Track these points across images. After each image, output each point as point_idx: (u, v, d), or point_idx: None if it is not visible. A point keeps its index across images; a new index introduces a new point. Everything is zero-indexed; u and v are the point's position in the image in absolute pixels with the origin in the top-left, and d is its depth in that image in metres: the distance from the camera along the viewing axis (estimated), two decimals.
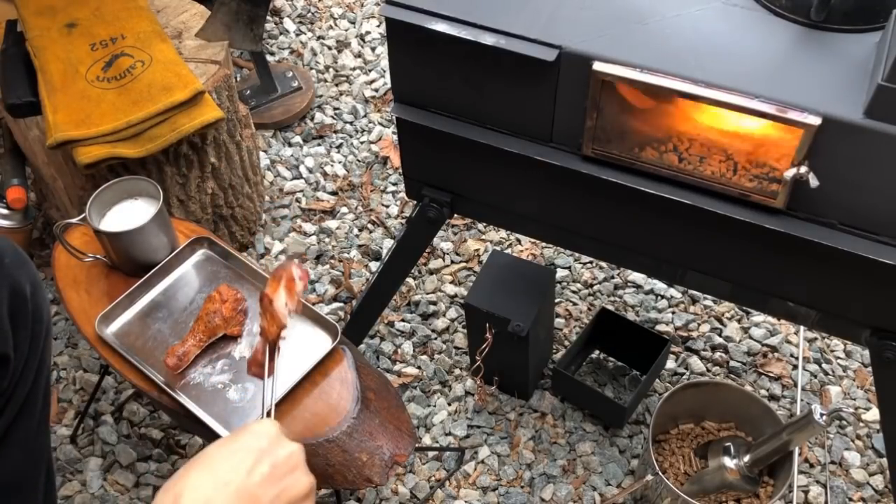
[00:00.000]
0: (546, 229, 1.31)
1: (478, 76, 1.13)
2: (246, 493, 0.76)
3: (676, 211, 1.11)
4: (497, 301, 1.43)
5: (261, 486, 0.77)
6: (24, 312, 1.00)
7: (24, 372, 1.02)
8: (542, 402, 1.60)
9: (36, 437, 1.06)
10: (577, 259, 1.81)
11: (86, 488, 1.50)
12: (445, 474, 1.53)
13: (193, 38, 1.61)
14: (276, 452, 0.81)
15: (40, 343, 1.04)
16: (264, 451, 0.80)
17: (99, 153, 1.43)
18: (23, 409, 1.02)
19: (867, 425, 1.56)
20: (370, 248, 1.86)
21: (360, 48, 2.29)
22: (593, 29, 1.06)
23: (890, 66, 0.89)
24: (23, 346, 1.00)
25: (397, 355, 1.68)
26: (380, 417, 1.17)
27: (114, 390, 1.64)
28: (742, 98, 0.97)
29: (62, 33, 1.57)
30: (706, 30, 1.05)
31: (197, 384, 1.18)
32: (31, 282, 1.01)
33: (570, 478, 1.51)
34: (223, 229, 1.77)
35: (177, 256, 1.31)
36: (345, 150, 2.05)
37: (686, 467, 1.45)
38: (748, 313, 1.72)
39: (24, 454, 1.04)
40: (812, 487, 1.49)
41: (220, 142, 1.63)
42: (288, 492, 0.79)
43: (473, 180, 1.28)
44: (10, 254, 0.99)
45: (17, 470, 1.04)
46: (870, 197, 0.99)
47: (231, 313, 1.22)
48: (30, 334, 1.01)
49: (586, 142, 1.11)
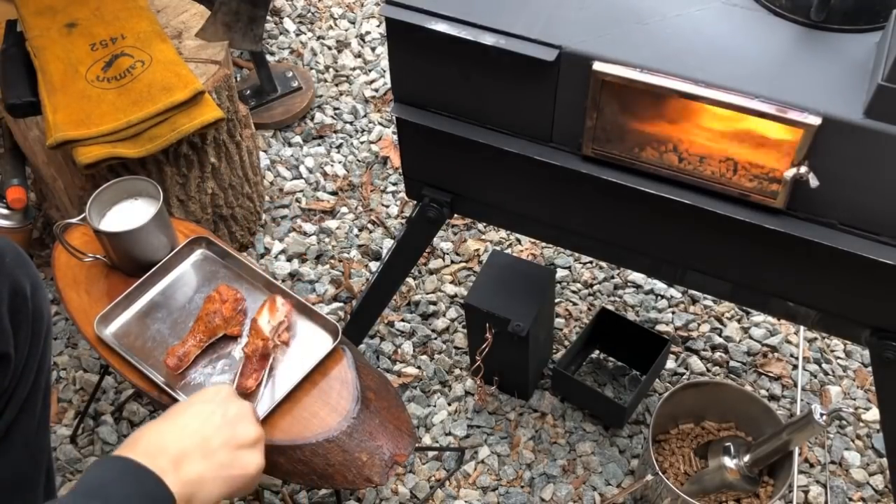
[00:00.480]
0: (546, 229, 1.31)
1: (478, 76, 1.13)
2: (199, 436, 0.88)
3: (676, 211, 1.11)
4: (497, 301, 1.43)
5: (213, 431, 0.90)
6: (25, 312, 1.00)
7: (25, 371, 1.02)
8: (542, 402, 1.60)
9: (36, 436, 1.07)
10: (577, 259, 1.81)
11: None
12: (445, 474, 1.53)
13: (193, 38, 1.61)
14: (228, 406, 0.95)
15: (41, 342, 1.05)
16: (217, 404, 0.94)
17: (99, 153, 1.43)
18: (23, 408, 1.03)
19: (867, 425, 1.56)
20: (370, 248, 1.86)
21: (360, 48, 2.29)
22: (593, 29, 1.06)
23: (890, 66, 0.89)
24: (23, 346, 1.00)
25: (397, 355, 1.68)
26: (380, 417, 1.17)
27: (114, 390, 1.64)
28: (742, 98, 0.97)
29: (62, 33, 1.57)
30: (706, 30, 1.05)
31: (197, 384, 1.18)
32: (31, 281, 1.02)
33: (570, 478, 1.51)
34: (223, 229, 1.77)
35: (176, 256, 1.30)
36: (345, 150, 2.05)
37: (686, 467, 1.45)
38: (748, 313, 1.72)
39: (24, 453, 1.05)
40: (812, 487, 1.49)
41: (220, 142, 1.63)
42: (237, 438, 0.92)
43: (473, 180, 1.28)
44: (11, 253, 0.99)
45: (18, 469, 1.04)
46: (870, 197, 0.99)
47: (231, 313, 1.22)
48: (30, 333, 1.02)
49: (586, 142, 1.11)
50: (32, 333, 1.02)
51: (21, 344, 1.00)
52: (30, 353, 1.02)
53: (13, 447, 1.03)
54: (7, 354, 0.97)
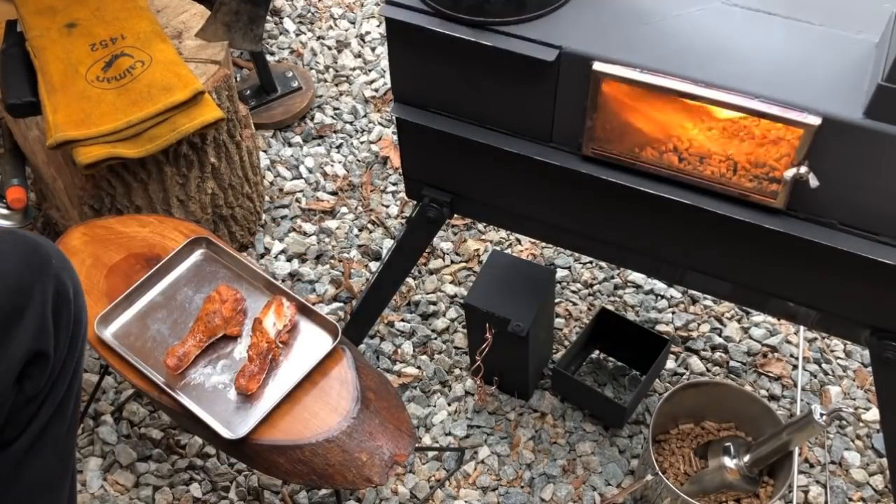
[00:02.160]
0: (546, 229, 1.31)
1: (478, 76, 1.13)
2: None
3: (676, 211, 1.11)
4: (497, 301, 1.43)
5: None
6: (67, 313, 1.01)
7: (62, 373, 1.03)
8: (542, 402, 1.60)
9: (67, 438, 1.07)
10: (577, 259, 1.81)
11: (86, 488, 1.50)
12: (445, 474, 1.53)
13: (193, 38, 1.61)
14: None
15: (78, 345, 1.05)
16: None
17: (99, 153, 1.43)
18: (57, 410, 1.03)
19: (867, 425, 1.56)
20: (370, 248, 1.86)
21: (360, 48, 2.29)
22: (593, 29, 1.06)
23: (890, 66, 0.89)
24: (62, 347, 1.01)
25: (397, 355, 1.68)
26: (380, 417, 1.17)
27: (114, 390, 1.64)
28: (742, 98, 0.97)
29: (62, 33, 1.57)
30: (706, 30, 1.05)
31: (197, 384, 1.18)
32: (73, 284, 1.03)
33: (570, 478, 1.51)
34: (223, 229, 1.77)
35: (176, 256, 1.31)
36: (345, 150, 2.05)
37: (686, 467, 1.45)
38: (748, 313, 1.72)
39: (55, 455, 1.06)
40: (812, 487, 1.49)
41: (220, 142, 1.63)
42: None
43: (473, 180, 1.28)
44: (56, 256, 1.01)
45: (49, 470, 1.05)
46: (870, 197, 0.99)
47: (231, 313, 1.22)
48: (69, 335, 1.02)
49: (586, 142, 1.11)
50: (71, 335, 1.03)
51: (60, 345, 1.01)
52: (67, 354, 1.03)
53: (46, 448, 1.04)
54: (46, 353, 0.98)
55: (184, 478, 1.51)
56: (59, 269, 1.00)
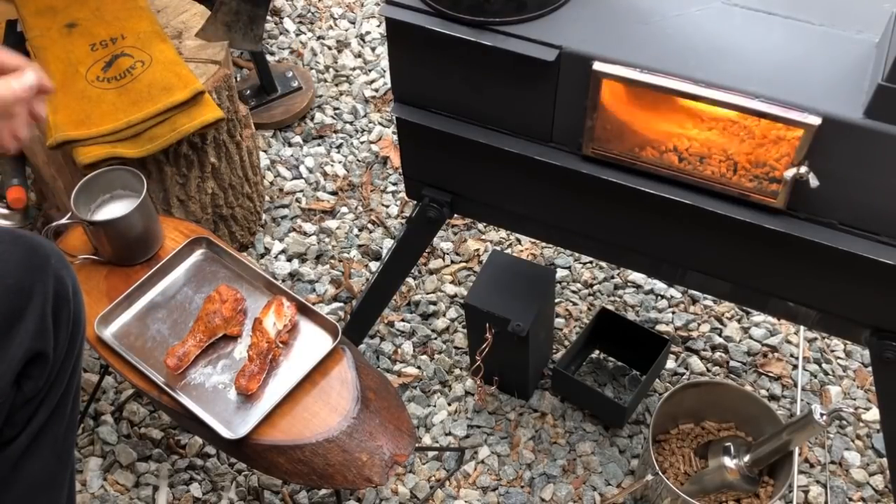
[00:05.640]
0: (546, 229, 1.31)
1: (478, 76, 1.13)
2: None
3: (676, 211, 1.11)
4: (497, 301, 1.43)
5: None
6: (66, 313, 1.01)
7: (60, 373, 1.03)
8: (542, 402, 1.60)
9: (65, 437, 1.08)
10: (577, 259, 1.81)
11: (86, 488, 1.50)
12: (445, 474, 1.53)
13: (193, 38, 1.61)
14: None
15: (76, 346, 1.06)
16: None
17: (99, 153, 1.43)
18: (55, 410, 1.04)
19: (867, 425, 1.56)
20: (370, 248, 1.86)
21: (360, 48, 2.29)
22: (593, 29, 1.06)
23: (890, 66, 0.89)
24: (61, 347, 1.01)
25: (397, 355, 1.68)
26: (380, 417, 1.17)
27: (114, 390, 1.64)
28: (742, 98, 0.97)
29: (62, 33, 1.57)
30: (706, 30, 1.05)
31: (197, 384, 1.18)
32: (73, 284, 1.03)
33: (570, 478, 1.51)
34: (223, 229, 1.77)
35: (176, 256, 1.31)
36: (345, 150, 2.05)
37: (686, 467, 1.45)
38: (748, 313, 1.72)
39: (54, 454, 1.06)
40: (812, 487, 1.49)
41: (220, 142, 1.63)
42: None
43: (473, 180, 1.28)
44: (55, 255, 1.02)
45: (47, 469, 1.06)
46: (870, 197, 0.99)
47: (231, 313, 1.22)
48: (68, 336, 1.03)
49: (586, 142, 1.11)
50: (70, 336, 1.03)
51: (60, 345, 1.01)
52: (66, 355, 1.03)
53: (44, 448, 1.04)
54: (46, 354, 0.98)
55: (184, 478, 1.51)
56: (59, 269, 1.00)
